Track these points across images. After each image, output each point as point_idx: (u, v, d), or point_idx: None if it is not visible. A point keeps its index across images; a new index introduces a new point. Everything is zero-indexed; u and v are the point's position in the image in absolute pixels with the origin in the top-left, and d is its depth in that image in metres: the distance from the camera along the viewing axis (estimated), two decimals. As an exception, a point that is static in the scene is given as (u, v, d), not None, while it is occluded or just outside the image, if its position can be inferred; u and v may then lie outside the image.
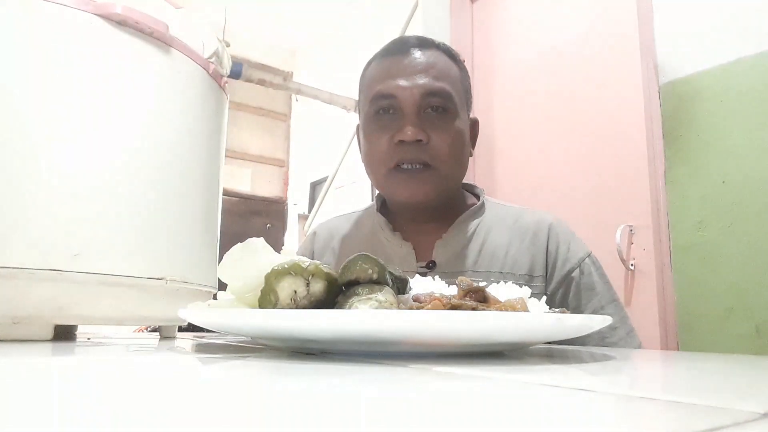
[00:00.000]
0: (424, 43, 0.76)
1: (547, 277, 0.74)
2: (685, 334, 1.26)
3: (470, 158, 0.79)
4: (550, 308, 0.41)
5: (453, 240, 0.75)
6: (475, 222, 0.77)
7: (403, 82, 0.72)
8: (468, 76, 0.80)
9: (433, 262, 0.74)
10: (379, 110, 0.74)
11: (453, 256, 0.74)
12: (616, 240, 1.37)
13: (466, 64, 0.81)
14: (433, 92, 0.72)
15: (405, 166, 0.71)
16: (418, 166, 0.71)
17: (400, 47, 0.76)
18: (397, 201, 0.77)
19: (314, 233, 0.90)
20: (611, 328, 0.71)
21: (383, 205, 0.84)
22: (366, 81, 0.79)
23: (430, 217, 0.77)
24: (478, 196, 0.82)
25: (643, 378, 0.33)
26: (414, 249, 0.76)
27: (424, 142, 0.70)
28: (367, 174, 0.79)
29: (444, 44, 0.78)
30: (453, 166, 0.74)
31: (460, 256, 0.74)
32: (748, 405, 0.19)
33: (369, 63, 0.80)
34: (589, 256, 0.75)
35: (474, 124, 0.81)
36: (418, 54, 0.74)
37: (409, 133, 0.70)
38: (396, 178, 0.72)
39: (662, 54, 1.37)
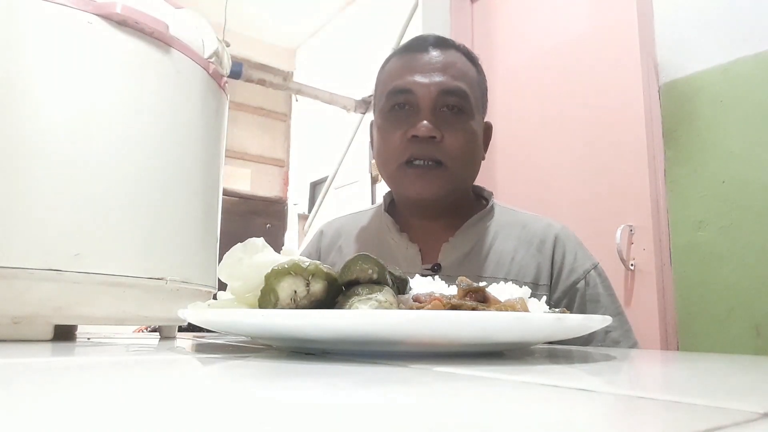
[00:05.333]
0: (443, 43, 0.76)
1: (551, 286, 0.73)
2: (685, 334, 1.26)
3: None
4: (550, 308, 0.41)
5: (460, 243, 0.75)
6: (483, 226, 0.77)
7: (420, 78, 0.72)
8: (485, 79, 0.80)
9: (439, 265, 0.73)
10: (395, 105, 0.73)
11: (459, 259, 0.74)
12: (616, 240, 1.37)
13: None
14: (450, 91, 0.71)
15: (417, 162, 0.71)
16: (430, 163, 0.71)
17: (419, 45, 0.76)
18: (406, 197, 0.76)
19: (321, 232, 0.90)
20: (614, 341, 0.70)
21: (391, 205, 0.84)
22: (383, 76, 0.79)
23: (438, 215, 0.76)
24: (486, 200, 0.82)
25: (643, 378, 0.33)
26: (420, 251, 0.75)
27: (437, 140, 0.70)
28: (378, 170, 0.78)
29: (464, 46, 0.78)
30: (465, 166, 0.73)
31: (466, 261, 0.74)
32: (748, 405, 0.19)
33: (387, 60, 0.80)
34: (595, 267, 0.74)
35: (487, 129, 0.80)
36: (437, 52, 0.74)
37: (423, 128, 0.69)
38: (407, 173, 0.72)
39: (662, 54, 1.37)
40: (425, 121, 0.70)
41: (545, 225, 0.77)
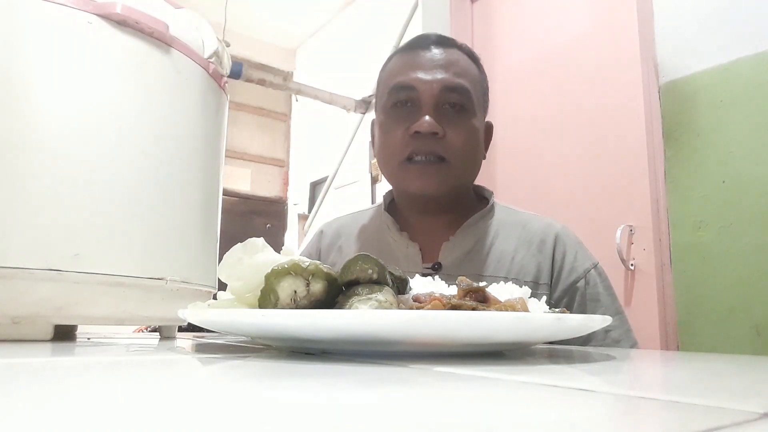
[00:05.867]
0: (446, 41, 0.77)
1: (552, 286, 0.73)
2: (685, 334, 1.26)
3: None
4: (550, 308, 0.41)
5: (460, 243, 0.74)
6: (484, 225, 0.77)
7: (423, 75, 0.72)
8: (486, 79, 0.80)
9: (439, 264, 0.73)
10: (397, 103, 0.73)
11: (459, 258, 0.74)
12: (616, 240, 1.37)
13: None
14: (452, 88, 0.72)
15: (419, 158, 0.71)
16: (432, 159, 0.71)
17: (421, 43, 0.76)
18: (408, 193, 0.76)
19: (321, 232, 0.89)
20: (615, 341, 0.71)
21: (390, 204, 0.83)
22: (385, 74, 0.79)
23: (438, 212, 0.76)
24: (487, 199, 0.82)
25: (643, 378, 0.33)
26: (420, 250, 0.75)
27: (439, 136, 0.70)
28: (379, 167, 0.78)
29: (466, 45, 0.79)
30: (466, 163, 0.73)
31: (467, 260, 0.74)
32: (748, 405, 0.19)
33: (390, 57, 0.80)
34: (595, 267, 0.75)
35: (488, 128, 0.81)
36: (439, 50, 0.74)
37: (425, 125, 0.69)
38: (409, 169, 0.72)
39: (662, 54, 1.37)
40: (427, 117, 0.70)
41: (546, 225, 0.77)
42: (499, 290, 0.40)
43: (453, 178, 0.72)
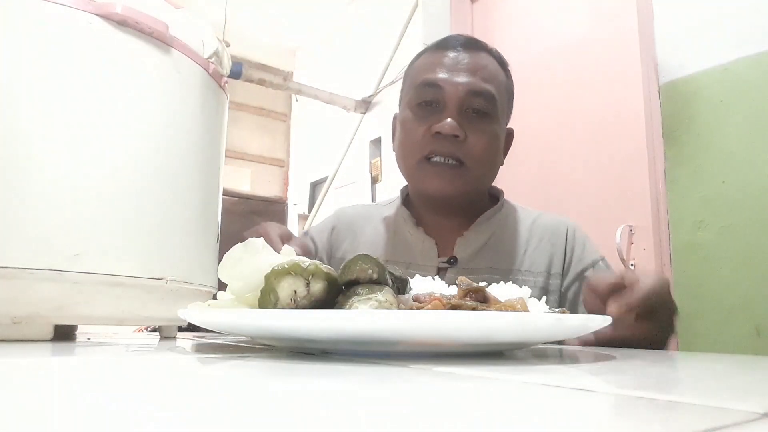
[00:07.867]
0: (476, 44, 0.78)
1: (563, 274, 0.76)
2: (685, 334, 1.26)
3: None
4: (550, 308, 0.41)
5: (474, 237, 0.77)
6: (496, 221, 0.79)
7: (450, 76, 0.73)
8: (513, 85, 0.81)
9: (455, 258, 0.76)
10: (422, 102, 0.74)
11: (474, 252, 0.76)
12: (616, 240, 1.37)
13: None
14: (478, 92, 0.72)
15: (437, 159, 0.72)
16: (450, 161, 0.72)
17: (452, 44, 0.77)
18: (424, 193, 0.77)
19: (333, 227, 0.89)
20: None
21: (406, 199, 0.85)
22: (413, 70, 0.79)
23: (452, 212, 0.78)
24: (497, 197, 0.85)
25: (643, 378, 0.33)
26: (436, 244, 0.77)
27: (459, 139, 0.71)
28: (397, 163, 0.80)
29: (495, 50, 0.79)
30: (483, 168, 0.75)
31: (480, 253, 0.76)
32: (748, 405, 0.19)
33: (418, 55, 0.81)
34: (603, 259, 0.78)
35: (509, 135, 0.82)
36: (469, 53, 0.75)
37: (447, 126, 0.70)
38: (427, 169, 0.73)
39: (662, 54, 1.37)
40: (450, 119, 0.70)
41: (555, 220, 0.81)
42: (499, 290, 0.40)
43: (469, 182, 0.74)
